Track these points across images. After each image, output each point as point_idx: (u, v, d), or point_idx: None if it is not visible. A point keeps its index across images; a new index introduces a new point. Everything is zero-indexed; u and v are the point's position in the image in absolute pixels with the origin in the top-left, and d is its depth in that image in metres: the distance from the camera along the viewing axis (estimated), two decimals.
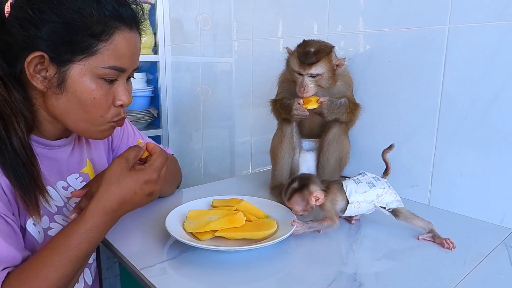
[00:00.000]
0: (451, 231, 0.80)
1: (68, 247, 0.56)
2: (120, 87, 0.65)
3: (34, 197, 0.60)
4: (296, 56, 0.89)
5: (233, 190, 1.06)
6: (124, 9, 0.62)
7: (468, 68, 0.84)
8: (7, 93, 0.59)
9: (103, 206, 0.59)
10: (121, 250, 0.70)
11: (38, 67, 0.60)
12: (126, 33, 0.63)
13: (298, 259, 0.70)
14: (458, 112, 0.87)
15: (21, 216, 0.61)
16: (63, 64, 0.60)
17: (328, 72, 0.88)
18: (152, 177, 0.63)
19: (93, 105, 0.63)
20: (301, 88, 0.88)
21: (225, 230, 0.73)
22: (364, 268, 0.66)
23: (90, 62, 0.60)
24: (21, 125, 0.59)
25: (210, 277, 0.63)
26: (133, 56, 0.65)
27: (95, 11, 0.59)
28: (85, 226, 0.58)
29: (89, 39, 0.59)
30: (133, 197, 0.62)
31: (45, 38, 0.58)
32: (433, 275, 0.64)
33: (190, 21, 1.76)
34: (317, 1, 1.14)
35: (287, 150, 0.97)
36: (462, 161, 0.88)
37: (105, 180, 0.60)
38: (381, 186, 0.77)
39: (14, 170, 0.57)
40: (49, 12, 0.57)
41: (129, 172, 0.62)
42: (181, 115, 1.93)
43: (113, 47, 0.61)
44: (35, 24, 0.58)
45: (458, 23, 0.84)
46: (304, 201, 0.76)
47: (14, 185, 0.58)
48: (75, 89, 0.61)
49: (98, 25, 0.59)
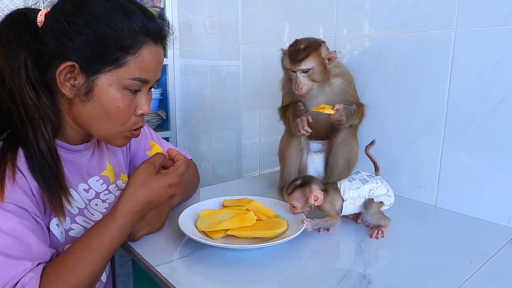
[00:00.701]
0: (458, 231, 0.82)
1: (101, 244, 0.60)
2: (143, 97, 0.69)
3: (59, 198, 0.63)
4: (287, 55, 0.93)
5: (243, 190, 1.08)
6: (152, 24, 0.65)
7: (474, 71, 0.86)
8: (37, 99, 0.62)
9: (132, 207, 0.63)
10: (136, 248, 0.72)
11: (68, 75, 0.63)
12: (152, 47, 0.66)
13: (308, 258, 0.72)
14: (464, 114, 0.88)
15: (45, 217, 0.64)
16: (92, 74, 0.63)
17: (318, 65, 0.91)
18: (175, 181, 0.68)
19: (116, 113, 0.66)
20: (296, 85, 0.91)
21: (236, 229, 0.75)
22: (373, 267, 0.67)
23: (117, 73, 0.63)
24: (48, 129, 0.63)
25: (222, 275, 0.65)
26: (157, 69, 0.69)
27: (125, 26, 0.62)
28: (115, 224, 0.62)
29: (119, 52, 0.62)
30: (158, 198, 0.66)
31: (77, 49, 0.61)
32: (440, 274, 0.65)
33: (198, 25, 1.78)
34: (324, 5, 1.16)
35: (295, 151, 0.99)
36: (469, 163, 0.89)
37: (133, 183, 0.65)
38: (374, 181, 0.80)
39: (41, 172, 0.61)
40: (83, 25, 0.60)
41: (155, 176, 0.66)
42: (190, 117, 1.96)
43: (140, 60, 0.64)
44: (69, 35, 0.60)
45: (464, 27, 0.86)
46: (304, 198, 0.79)
47: (41, 187, 0.61)
48: (101, 98, 0.64)
49: (128, 39, 0.62)
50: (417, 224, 0.86)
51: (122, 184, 0.85)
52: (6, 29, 0.63)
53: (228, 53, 1.64)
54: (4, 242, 0.54)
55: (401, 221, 0.83)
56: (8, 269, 0.53)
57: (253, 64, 1.51)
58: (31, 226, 0.58)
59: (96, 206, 0.77)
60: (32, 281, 0.54)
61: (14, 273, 0.54)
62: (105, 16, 0.61)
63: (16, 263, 0.54)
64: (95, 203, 0.76)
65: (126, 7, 0.63)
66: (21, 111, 0.61)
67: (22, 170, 0.59)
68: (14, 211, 0.56)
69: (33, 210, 0.59)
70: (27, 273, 0.55)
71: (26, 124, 0.61)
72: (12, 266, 0.54)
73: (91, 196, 0.76)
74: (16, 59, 0.61)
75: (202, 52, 1.78)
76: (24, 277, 0.54)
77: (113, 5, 0.62)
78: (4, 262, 0.53)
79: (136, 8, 0.64)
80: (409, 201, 0.99)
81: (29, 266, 0.55)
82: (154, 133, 1.01)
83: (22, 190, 0.58)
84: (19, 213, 0.57)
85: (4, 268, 0.53)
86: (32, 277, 0.55)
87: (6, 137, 0.60)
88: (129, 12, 0.63)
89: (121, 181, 0.84)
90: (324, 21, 1.17)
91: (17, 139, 0.61)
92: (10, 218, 0.55)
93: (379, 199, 0.79)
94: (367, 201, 0.79)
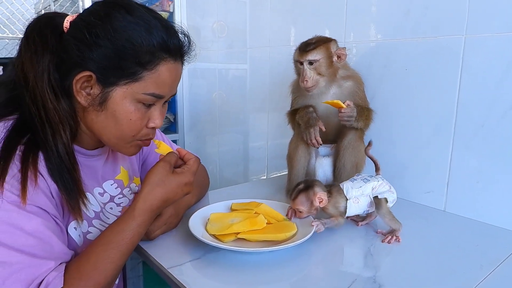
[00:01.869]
0: (467, 236, 0.82)
1: (121, 242, 0.63)
2: (156, 111, 0.69)
3: (77, 200, 0.64)
4: (298, 48, 0.95)
5: (251, 194, 1.09)
6: (172, 41, 0.66)
7: (484, 77, 0.86)
8: (56, 103, 0.63)
9: (150, 205, 0.66)
10: (148, 250, 0.73)
11: (85, 84, 0.64)
12: (171, 64, 0.66)
13: (318, 261, 0.72)
14: (474, 119, 0.88)
15: (63, 219, 0.66)
16: (108, 86, 0.64)
17: (325, 59, 0.92)
18: (190, 179, 0.71)
19: (128, 125, 0.67)
20: (302, 77, 0.92)
21: (247, 232, 0.75)
22: (383, 271, 0.68)
23: (132, 87, 0.64)
24: (66, 133, 0.64)
25: (233, 277, 0.66)
26: (173, 85, 0.69)
27: (145, 41, 0.62)
28: (135, 222, 0.64)
29: (136, 67, 0.63)
30: (174, 196, 0.69)
31: (96, 60, 0.62)
32: (450, 278, 0.65)
33: (207, 28, 1.80)
34: (333, 10, 1.17)
35: (303, 155, 1.00)
36: (478, 168, 0.89)
37: (151, 181, 0.67)
38: (376, 180, 0.82)
39: (60, 175, 0.62)
40: (103, 38, 0.61)
41: (171, 175, 0.68)
42: (197, 120, 1.97)
43: (156, 76, 0.65)
44: (89, 46, 0.62)
45: (474, 33, 0.86)
46: (308, 201, 0.80)
47: (60, 189, 0.62)
48: (115, 109, 0.65)
49: (146, 55, 0.63)
50: (426, 229, 0.86)
51: (136, 188, 0.86)
52: (34, 32, 0.64)
53: (235, 56, 1.65)
54: (28, 242, 0.55)
55: (410, 226, 0.83)
56: (33, 269, 0.55)
57: (260, 67, 1.52)
58: (52, 227, 0.60)
59: (111, 209, 0.78)
60: (56, 280, 0.56)
61: (38, 272, 0.55)
62: (126, 30, 0.62)
63: (40, 262, 0.56)
64: (110, 206, 0.78)
65: (149, 22, 0.63)
66: (42, 113, 0.62)
67: (42, 173, 0.60)
68: (36, 213, 0.58)
69: (53, 212, 0.61)
70: (50, 272, 0.56)
71: (46, 127, 0.62)
72: (36, 266, 0.55)
73: (106, 200, 0.77)
74: (40, 63, 0.62)
75: (210, 56, 1.79)
76: (48, 276, 0.56)
77: (136, 20, 0.63)
78: (29, 262, 0.55)
79: (159, 24, 0.64)
80: (418, 205, 0.99)
81: (52, 265, 0.57)
82: (165, 136, 1.02)
83: (43, 193, 0.60)
84: (41, 214, 0.58)
85: (28, 267, 0.55)
86: (56, 276, 0.56)
87: (27, 141, 0.61)
88: (151, 28, 0.63)
89: (134, 184, 0.86)
90: (333, 25, 1.18)
91: (37, 142, 0.62)
92: (33, 219, 0.57)
93: (383, 195, 0.80)
94: (375, 200, 0.79)
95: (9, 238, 0.54)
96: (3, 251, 0.54)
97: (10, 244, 0.54)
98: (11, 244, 0.54)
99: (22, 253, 0.54)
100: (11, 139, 0.60)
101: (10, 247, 0.54)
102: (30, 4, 2.78)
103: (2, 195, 0.55)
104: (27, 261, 0.55)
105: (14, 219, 0.55)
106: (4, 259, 0.53)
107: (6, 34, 2.62)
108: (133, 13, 0.63)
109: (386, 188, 0.81)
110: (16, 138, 0.61)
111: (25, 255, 0.55)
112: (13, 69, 0.66)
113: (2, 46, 2.73)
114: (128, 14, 0.63)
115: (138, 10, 0.64)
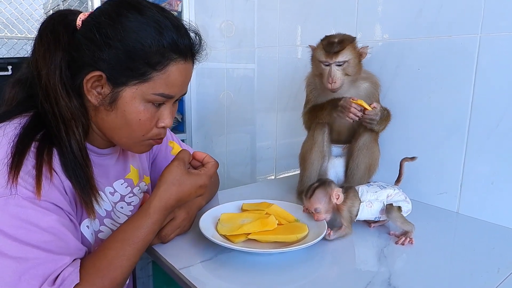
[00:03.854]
0: (482, 239, 0.80)
1: (137, 239, 0.63)
2: (166, 110, 0.69)
3: (89, 197, 0.64)
4: (321, 48, 0.92)
5: (261, 194, 1.08)
6: (182, 40, 0.65)
7: (499, 77, 0.85)
8: (68, 100, 0.63)
9: (164, 203, 0.67)
10: (159, 250, 0.73)
11: (96, 83, 0.64)
12: (181, 64, 0.66)
13: (330, 263, 0.71)
14: (489, 120, 0.87)
15: (77, 217, 0.65)
16: (118, 86, 0.64)
17: (354, 59, 0.91)
18: (205, 182, 0.71)
19: (138, 125, 0.67)
20: (329, 78, 0.90)
21: (258, 233, 0.75)
22: (398, 273, 0.66)
23: (142, 88, 0.64)
24: (79, 130, 0.64)
25: (245, 278, 0.65)
26: (183, 85, 0.69)
27: (155, 42, 0.62)
28: (150, 220, 0.65)
29: (145, 67, 0.63)
30: (188, 197, 0.69)
31: (106, 60, 0.62)
32: (467, 281, 0.64)
33: (215, 28, 1.80)
34: (343, 10, 1.16)
35: (317, 157, 0.99)
36: (493, 169, 0.87)
37: (167, 180, 0.67)
38: (392, 188, 0.81)
39: (73, 171, 0.62)
40: (113, 38, 0.61)
41: (187, 175, 0.69)
42: (205, 120, 1.97)
43: (166, 77, 0.64)
44: (99, 46, 0.61)
45: (489, 32, 0.85)
46: (326, 197, 0.78)
47: (74, 185, 0.62)
48: (124, 109, 0.65)
49: (156, 56, 0.62)
50: (439, 231, 0.85)
51: (145, 187, 0.86)
52: (47, 30, 0.64)
53: (243, 56, 1.65)
54: (44, 238, 0.55)
55: (423, 227, 0.82)
56: (49, 264, 0.55)
57: (268, 67, 1.51)
58: (66, 223, 0.60)
59: (122, 209, 0.77)
60: (72, 275, 0.55)
61: (54, 268, 0.55)
62: (137, 31, 0.61)
63: (56, 258, 0.56)
64: (121, 206, 0.77)
65: (160, 23, 0.63)
66: (55, 110, 0.62)
67: (56, 170, 0.60)
68: (51, 209, 0.58)
69: (67, 209, 0.61)
70: (66, 267, 0.56)
71: (59, 123, 0.62)
72: (52, 261, 0.55)
73: (117, 199, 0.77)
74: (53, 59, 0.62)
75: (218, 56, 1.79)
76: (64, 271, 0.55)
77: (146, 20, 0.62)
78: (45, 257, 0.55)
79: (170, 24, 0.64)
80: (431, 207, 0.98)
81: (68, 261, 0.57)
82: (175, 136, 1.01)
83: (57, 189, 0.60)
84: (55, 211, 0.58)
85: (44, 263, 0.54)
86: (72, 271, 0.56)
87: (41, 137, 0.61)
88: (161, 28, 0.62)
89: (143, 183, 0.85)
90: (343, 25, 1.17)
91: (51, 139, 0.62)
92: (47, 215, 0.57)
93: (398, 204, 0.79)
94: (387, 206, 0.78)
95: (25, 234, 0.54)
96: (19, 246, 0.53)
97: (26, 240, 0.54)
98: (27, 240, 0.54)
99: (38, 249, 0.54)
100: (25, 135, 0.60)
101: (26, 243, 0.54)
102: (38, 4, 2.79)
103: (17, 191, 0.55)
104: (43, 256, 0.54)
105: (29, 215, 0.55)
106: (20, 255, 0.53)
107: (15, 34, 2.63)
108: (143, 13, 0.63)
109: (402, 198, 0.80)
110: (31, 134, 0.61)
111: (41, 250, 0.55)
112: (28, 67, 0.66)
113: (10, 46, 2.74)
114: (138, 14, 0.62)
115: (149, 10, 0.64)
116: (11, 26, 2.59)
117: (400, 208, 0.78)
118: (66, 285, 0.54)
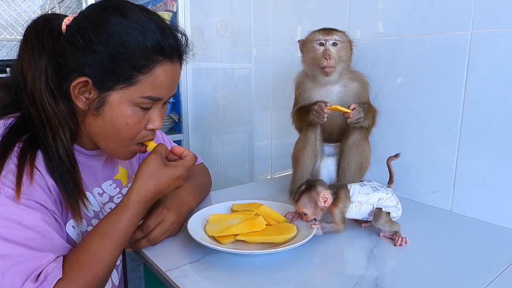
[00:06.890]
0: (474, 238, 0.80)
1: (117, 232, 0.63)
2: (155, 113, 0.69)
3: (76, 201, 0.64)
4: (316, 31, 0.95)
5: (253, 194, 1.07)
6: (168, 41, 0.65)
7: (491, 74, 0.83)
8: (55, 105, 0.63)
9: (143, 196, 0.67)
10: (147, 252, 0.72)
11: (83, 89, 0.64)
12: (167, 66, 0.65)
13: (319, 263, 0.71)
14: (481, 117, 0.86)
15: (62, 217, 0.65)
16: (104, 90, 0.63)
17: (346, 44, 0.94)
18: (182, 173, 0.71)
19: (126, 129, 0.67)
20: (325, 54, 0.91)
21: (246, 234, 0.74)
22: (386, 273, 0.66)
23: (128, 92, 0.64)
24: (66, 135, 0.64)
25: (233, 280, 0.65)
26: (171, 86, 0.69)
27: (139, 45, 0.61)
28: (130, 213, 0.65)
29: (131, 71, 0.62)
30: (166, 189, 0.70)
31: (91, 65, 0.62)
32: (456, 282, 0.63)
33: (211, 28, 1.79)
34: (337, 8, 1.15)
35: (310, 156, 0.98)
36: (486, 167, 0.86)
37: (144, 173, 0.68)
38: (385, 192, 0.79)
39: (60, 176, 0.62)
40: (97, 43, 0.61)
41: (164, 168, 0.69)
42: (202, 120, 1.96)
43: (152, 79, 0.64)
44: (83, 51, 0.61)
45: (480, 28, 0.84)
46: (312, 202, 0.77)
47: (60, 189, 0.62)
48: (112, 114, 0.65)
49: (141, 59, 0.62)
50: (431, 230, 0.84)
51: None
52: (31, 35, 0.64)
53: (240, 56, 1.64)
54: (27, 235, 0.56)
55: (415, 226, 0.81)
56: (33, 261, 0.55)
57: (265, 66, 1.50)
58: (51, 222, 0.60)
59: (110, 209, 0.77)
60: (55, 271, 0.56)
61: (38, 264, 0.55)
62: (120, 34, 0.61)
63: (39, 255, 0.56)
64: (109, 207, 0.77)
65: (143, 25, 0.62)
66: (42, 115, 0.62)
67: (40, 169, 0.61)
68: (35, 207, 0.58)
69: (51, 208, 0.61)
70: (49, 264, 0.56)
71: (46, 129, 0.62)
72: (36, 258, 0.55)
73: (105, 200, 0.77)
74: (38, 65, 0.62)
75: (214, 55, 1.78)
76: (47, 267, 0.56)
77: (129, 23, 0.62)
78: (28, 255, 0.55)
79: (154, 26, 0.63)
80: (424, 206, 0.97)
81: (51, 258, 0.57)
82: (166, 136, 1.01)
83: (41, 188, 0.60)
84: (39, 209, 0.59)
85: (28, 260, 0.55)
86: (55, 267, 0.56)
87: (26, 139, 0.61)
88: (145, 30, 0.62)
89: None
90: (337, 24, 1.15)
91: (36, 141, 0.62)
92: (31, 213, 0.57)
93: (387, 209, 0.77)
94: (376, 211, 0.77)
95: (8, 232, 0.54)
96: (3, 244, 0.54)
97: (9, 237, 0.54)
98: (10, 238, 0.54)
99: (21, 246, 0.55)
100: (10, 136, 0.61)
101: (10, 240, 0.54)
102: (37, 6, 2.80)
103: (0, 190, 0.55)
104: (26, 254, 0.55)
105: (12, 213, 0.55)
106: (3, 253, 0.54)
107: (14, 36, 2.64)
108: (127, 16, 0.62)
109: (393, 204, 0.78)
110: (15, 135, 0.61)
111: (25, 248, 0.55)
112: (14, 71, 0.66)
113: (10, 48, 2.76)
114: (121, 18, 0.62)
115: (133, 13, 0.63)
116: (10, 28, 2.60)
117: (388, 214, 0.77)
118: (49, 281, 0.54)
